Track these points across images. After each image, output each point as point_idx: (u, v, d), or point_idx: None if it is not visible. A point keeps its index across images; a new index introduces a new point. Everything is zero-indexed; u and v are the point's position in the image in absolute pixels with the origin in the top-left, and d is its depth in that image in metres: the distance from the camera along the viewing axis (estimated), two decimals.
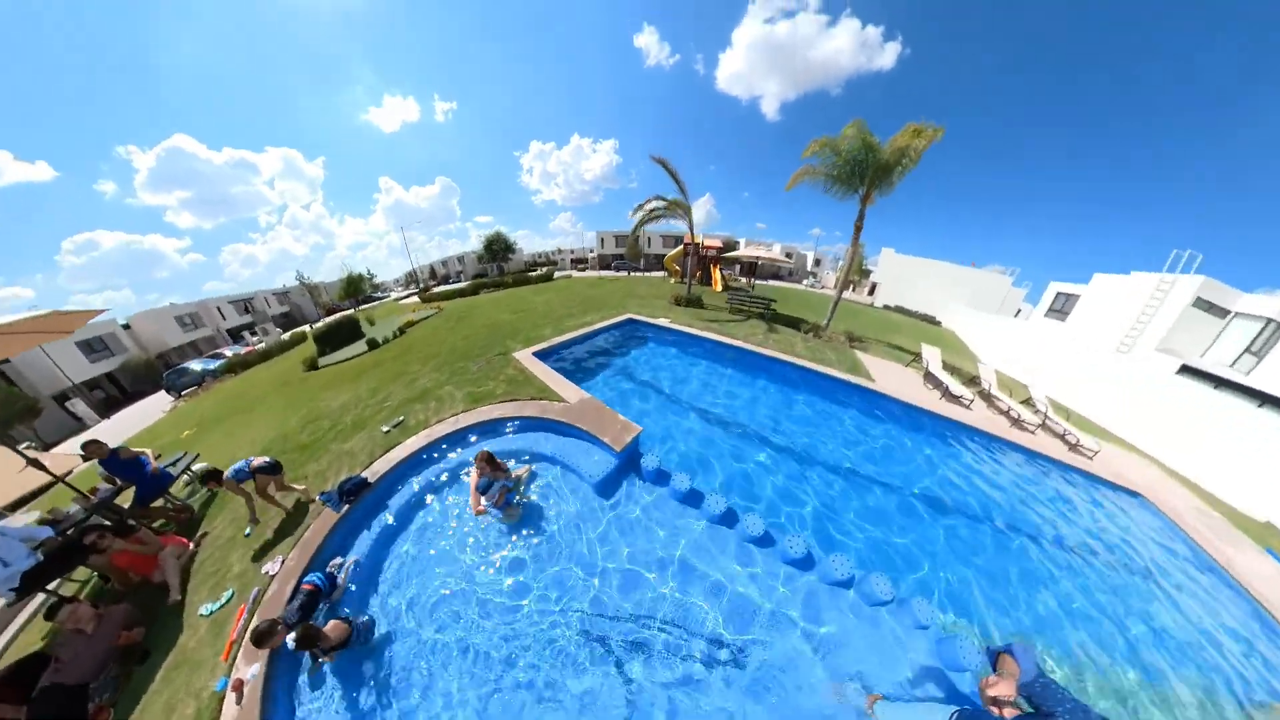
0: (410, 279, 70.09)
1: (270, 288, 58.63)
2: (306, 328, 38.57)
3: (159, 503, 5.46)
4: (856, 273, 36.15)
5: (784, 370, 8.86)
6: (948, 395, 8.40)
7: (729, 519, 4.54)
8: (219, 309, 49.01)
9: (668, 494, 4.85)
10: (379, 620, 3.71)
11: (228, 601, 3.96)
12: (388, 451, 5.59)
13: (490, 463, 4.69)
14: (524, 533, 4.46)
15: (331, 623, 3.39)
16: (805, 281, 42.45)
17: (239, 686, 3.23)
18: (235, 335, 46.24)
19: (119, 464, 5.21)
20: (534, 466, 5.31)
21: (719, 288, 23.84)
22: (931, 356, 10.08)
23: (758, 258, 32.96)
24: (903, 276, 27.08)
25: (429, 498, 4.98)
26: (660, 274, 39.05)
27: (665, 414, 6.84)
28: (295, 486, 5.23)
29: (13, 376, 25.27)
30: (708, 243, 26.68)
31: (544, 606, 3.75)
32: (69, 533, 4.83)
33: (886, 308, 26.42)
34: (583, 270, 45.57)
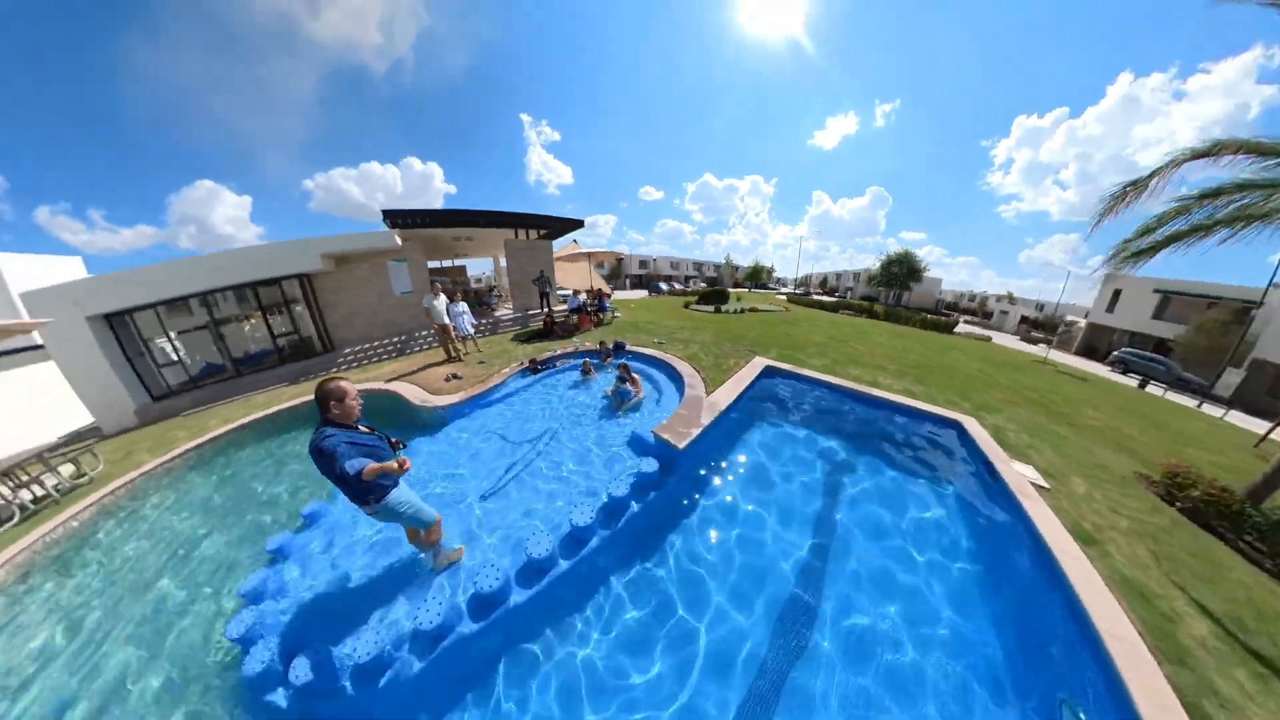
0: (801, 281, 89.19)
1: (715, 259, 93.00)
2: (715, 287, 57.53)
3: (599, 315, 16.27)
4: None
5: None
6: None
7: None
8: (688, 263, 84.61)
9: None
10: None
11: (580, 347, 13.42)
12: (640, 348, 10.63)
13: (625, 370, 7.41)
14: (608, 408, 7.01)
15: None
16: None
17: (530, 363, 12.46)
18: (685, 280, 76.87)
19: (601, 299, 16.28)
20: (644, 397, 7.26)
21: None
22: None
23: None
24: None
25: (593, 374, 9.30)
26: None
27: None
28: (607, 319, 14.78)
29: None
30: None
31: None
32: (584, 304, 16.05)
33: None
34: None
